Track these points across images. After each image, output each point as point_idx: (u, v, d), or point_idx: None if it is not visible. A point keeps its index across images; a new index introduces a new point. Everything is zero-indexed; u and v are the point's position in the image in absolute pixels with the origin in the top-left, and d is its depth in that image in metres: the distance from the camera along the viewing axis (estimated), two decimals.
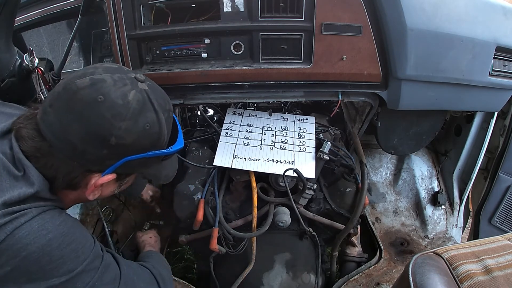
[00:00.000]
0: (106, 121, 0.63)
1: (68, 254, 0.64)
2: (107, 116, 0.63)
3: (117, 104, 0.64)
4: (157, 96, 0.71)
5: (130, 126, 0.65)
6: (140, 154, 0.69)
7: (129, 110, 0.65)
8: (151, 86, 0.72)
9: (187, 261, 1.76)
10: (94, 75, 0.66)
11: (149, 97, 0.68)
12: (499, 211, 1.43)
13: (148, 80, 0.72)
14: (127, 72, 0.70)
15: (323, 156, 1.11)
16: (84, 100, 0.63)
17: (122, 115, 0.64)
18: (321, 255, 1.22)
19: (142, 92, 0.68)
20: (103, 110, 0.63)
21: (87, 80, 0.65)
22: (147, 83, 0.71)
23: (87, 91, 0.64)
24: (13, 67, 0.89)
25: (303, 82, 1.04)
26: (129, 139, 0.66)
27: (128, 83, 0.67)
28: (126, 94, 0.65)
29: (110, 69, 0.69)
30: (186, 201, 1.13)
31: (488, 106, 1.23)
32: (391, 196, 1.66)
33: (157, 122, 0.69)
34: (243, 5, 0.96)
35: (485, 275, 0.72)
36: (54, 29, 1.17)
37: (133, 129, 0.66)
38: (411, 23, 0.94)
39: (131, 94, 0.66)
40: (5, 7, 0.79)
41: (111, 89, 0.65)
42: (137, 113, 0.66)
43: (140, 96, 0.67)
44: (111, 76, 0.66)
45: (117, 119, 0.64)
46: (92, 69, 0.68)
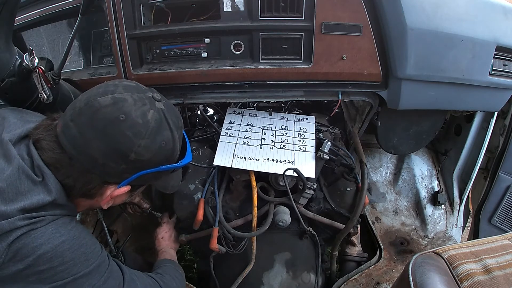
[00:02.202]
0: (127, 138, 0.68)
1: (79, 257, 0.68)
2: (128, 134, 0.68)
3: (137, 123, 0.68)
4: (172, 115, 0.75)
5: (148, 143, 0.70)
6: (155, 168, 0.73)
7: (148, 129, 0.69)
8: (166, 105, 0.76)
9: (187, 261, 1.76)
10: (116, 93, 0.70)
11: (165, 116, 0.73)
12: (499, 210, 1.43)
13: (163, 99, 0.77)
14: (145, 91, 0.74)
15: (323, 155, 1.11)
16: (106, 118, 0.67)
17: (142, 133, 0.69)
18: (321, 255, 1.22)
19: (159, 111, 0.72)
20: (124, 128, 0.67)
21: (109, 99, 0.69)
22: (163, 102, 0.76)
23: (109, 109, 0.67)
24: (13, 67, 0.88)
25: (303, 81, 1.04)
26: (146, 156, 0.70)
27: (147, 103, 0.71)
28: (145, 114, 0.70)
29: (129, 87, 0.73)
30: (186, 201, 1.13)
31: (488, 105, 1.23)
32: (391, 196, 1.66)
33: (171, 139, 0.74)
34: (243, 5, 0.96)
35: (485, 275, 0.72)
36: (54, 28, 1.17)
37: (151, 147, 0.70)
38: (411, 23, 0.94)
39: (150, 114, 0.70)
40: (5, 6, 0.79)
41: (132, 108, 0.69)
42: (155, 131, 0.70)
43: (158, 116, 0.72)
44: (131, 96, 0.70)
45: (137, 137, 0.68)
46: (112, 87, 0.72)
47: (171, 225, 1.24)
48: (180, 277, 1.02)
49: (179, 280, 1.00)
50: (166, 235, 1.20)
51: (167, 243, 1.18)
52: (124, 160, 0.69)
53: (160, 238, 1.19)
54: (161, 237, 1.19)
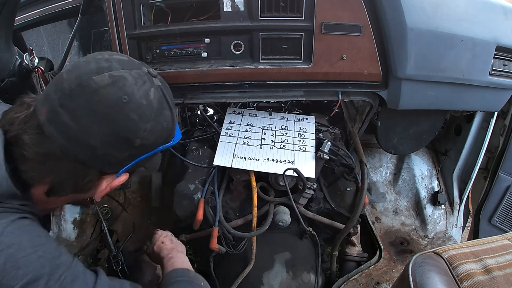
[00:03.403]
0: (133, 123, 0.61)
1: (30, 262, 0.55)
2: (134, 117, 0.60)
3: (142, 104, 0.62)
4: (168, 91, 0.70)
5: (153, 126, 0.64)
6: (154, 150, 0.68)
7: (153, 110, 0.63)
8: (162, 80, 0.70)
9: None
10: (112, 70, 0.61)
11: (163, 93, 0.67)
12: (499, 210, 1.43)
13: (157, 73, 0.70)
14: (140, 66, 0.67)
15: (323, 155, 1.11)
16: (108, 100, 0.59)
17: (147, 115, 0.62)
18: (321, 255, 1.22)
19: (158, 89, 0.66)
20: (128, 111, 0.60)
21: (107, 77, 0.59)
22: (159, 77, 0.69)
23: (109, 90, 0.59)
24: (13, 67, 0.89)
25: (303, 81, 1.04)
26: (151, 139, 0.65)
27: (147, 80, 0.64)
28: (147, 93, 0.63)
29: (124, 62, 0.64)
30: (186, 201, 1.13)
31: (488, 105, 1.23)
32: (391, 196, 1.66)
33: (171, 119, 0.69)
34: (243, 5, 0.96)
35: (485, 275, 0.72)
36: (54, 28, 1.17)
37: (156, 129, 0.65)
38: (411, 23, 0.94)
39: (152, 93, 0.64)
40: (5, 6, 0.79)
41: (134, 88, 0.61)
42: (158, 112, 0.65)
43: (158, 94, 0.66)
44: (130, 73, 0.62)
45: (143, 120, 0.62)
46: (105, 62, 0.62)
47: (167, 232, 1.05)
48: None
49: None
50: (166, 239, 1.00)
51: (171, 246, 0.97)
52: (129, 146, 0.62)
53: (160, 243, 0.98)
54: (161, 242, 0.98)
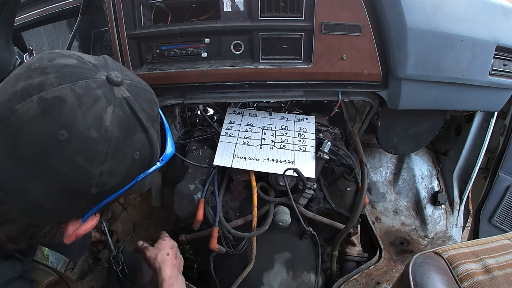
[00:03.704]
0: (79, 169, 0.44)
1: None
2: (79, 162, 0.44)
3: (90, 139, 0.44)
4: (143, 101, 0.50)
5: (114, 166, 0.47)
6: (128, 185, 0.52)
7: (110, 143, 0.45)
8: (132, 86, 0.50)
9: (187, 261, 1.75)
10: (44, 90, 0.43)
11: (132, 109, 0.48)
12: (499, 210, 1.43)
13: (125, 76, 0.50)
14: (94, 71, 0.47)
15: (323, 155, 1.11)
16: (36, 142, 0.42)
17: (101, 154, 0.45)
18: (321, 255, 1.22)
19: (122, 104, 0.47)
20: (70, 154, 0.43)
21: (35, 104, 0.42)
22: (126, 82, 0.49)
23: (39, 126, 0.42)
24: (13, 67, 0.88)
25: (303, 81, 1.04)
26: (115, 181, 0.49)
27: (100, 95, 0.45)
28: (100, 118, 0.44)
29: (65, 71, 0.45)
30: (186, 201, 1.13)
31: (488, 105, 1.23)
32: (391, 196, 1.66)
33: (148, 143, 0.51)
34: (243, 5, 0.96)
35: (485, 275, 0.71)
36: (54, 28, 1.17)
37: (119, 168, 0.48)
38: (411, 23, 0.94)
39: (108, 116, 0.45)
40: (5, 6, 0.79)
41: (77, 114, 0.43)
42: (121, 143, 0.47)
43: (122, 114, 0.46)
44: (72, 88, 0.44)
45: (95, 162, 0.45)
46: (38, 75, 0.44)
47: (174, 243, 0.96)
48: None
49: None
50: (171, 252, 0.90)
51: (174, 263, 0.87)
52: (82, 197, 0.47)
53: (165, 254, 0.88)
54: (166, 253, 0.88)
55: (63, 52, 0.50)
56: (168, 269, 0.85)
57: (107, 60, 0.52)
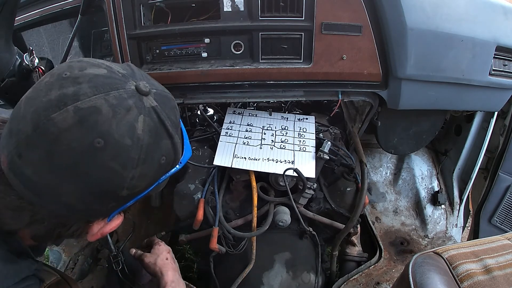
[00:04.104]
0: (114, 174, 0.47)
1: None
2: (114, 167, 0.47)
3: (125, 146, 0.47)
4: (168, 110, 0.54)
5: (144, 170, 0.50)
6: (152, 186, 0.55)
7: (142, 150, 0.49)
8: (158, 94, 0.53)
9: (187, 261, 1.76)
10: (79, 100, 0.45)
11: (160, 118, 0.51)
12: (499, 210, 1.43)
13: (152, 85, 0.53)
14: (124, 82, 0.50)
15: (323, 155, 1.11)
16: (74, 149, 0.45)
17: (134, 160, 0.48)
18: (321, 255, 1.22)
19: (151, 113, 0.50)
20: (106, 160, 0.46)
21: (71, 114, 0.44)
22: (153, 91, 0.52)
23: (75, 135, 0.45)
24: (13, 67, 0.89)
25: (303, 81, 1.04)
26: (143, 184, 0.52)
27: (132, 105, 0.48)
28: (133, 127, 0.47)
29: (98, 82, 0.47)
30: (186, 201, 1.13)
31: (488, 105, 1.23)
32: (391, 196, 1.66)
33: (172, 149, 0.54)
34: (243, 5, 0.96)
35: (485, 275, 0.72)
36: (54, 28, 1.17)
37: (148, 172, 0.51)
38: (411, 23, 0.94)
39: (140, 124, 0.48)
40: (5, 6, 0.79)
41: (112, 123, 0.46)
42: (151, 150, 0.50)
43: (151, 122, 0.50)
44: (105, 98, 0.46)
45: (128, 167, 0.48)
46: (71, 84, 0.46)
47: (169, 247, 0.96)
48: None
49: None
50: (169, 256, 0.90)
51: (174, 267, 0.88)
52: (114, 199, 0.51)
53: (164, 259, 0.88)
54: (165, 258, 0.89)
55: (93, 61, 0.52)
56: (170, 273, 0.85)
57: (133, 69, 0.55)
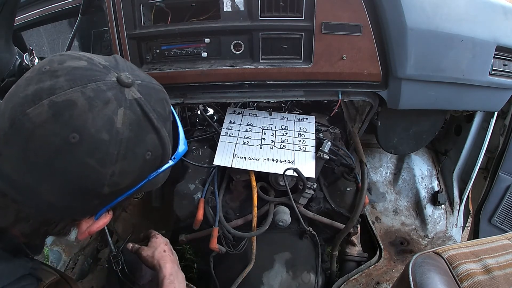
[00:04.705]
0: (91, 170, 0.45)
1: None
2: (91, 163, 0.44)
3: (101, 142, 0.44)
4: (154, 102, 0.51)
5: (126, 166, 0.47)
6: (140, 183, 0.53)
7: (121, 145, 0.46)
8: (143, 86, 0.50)
9: (187, 261, 1.76)
10: (55, 94, 0.43)
11: (144, 110, 0.48)
12: (499, 210, 1.43)
13: (136, 76, 0.51)
14: (104, 73, 0.47)
15: (323, 155, 1.11)
16: (49, 145, 0.43)
17: (112, 156, 0.45)
18: (321, 255, 1.22)
19: (133, 105, 0.47)
20: (82, 155, 0.44)
21: (46, 109, 0.43)
22: (137, 83, 0.49)
23: (50, 130, 0.43)
24: (13, 67, 0.89)
25: (303, 81, 1.04)
26: (127, 181, 0.50)
27: (111, 97, 0.45)
28: (111, 120, 0.45)
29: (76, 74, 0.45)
30: (186, 201, 1.13)
31: (488, 105, 1.23)
32: (391, 196, 1.66)
33: (159, 144, 0.51)
34: (243, 5, 0.96)
35: (485, 275, 0.72)
36: (54, 28, 1.17)
37: (131, 168, 0.49)
38: (411, 23, 0.94)
39: (119, 117, 0.45)
40: (5, 6, 0.79)
41: (88, 117, 0.43)
42: (132, 144, 0.47)
43: (132, 115, 0.47)
44: (82, 91, 0.44)
45: (106, 163, 0.45)
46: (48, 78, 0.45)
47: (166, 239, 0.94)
48: None
49: None
50: (167, 248, 0.89)
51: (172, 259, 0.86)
52: (95, 196, 0.49)
53: (161, 251, 0.86)
54: (162, 250, 0.86)
55: (74, 54, 0.50)
56: (168, 265, 0.83)
57: (118, 61, 0.52)
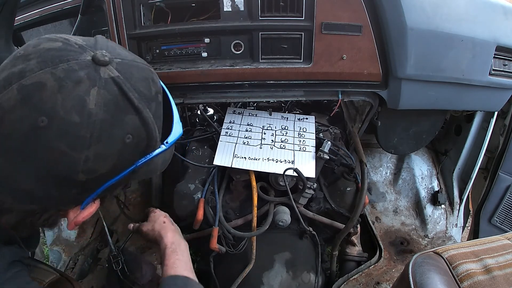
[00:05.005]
0: (62, 155, 0.43)
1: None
2: (62, 148, 0.42)
3: (71, 124, 0.42)
4: (135, 80, 0.47)
5: (101, 151, 0.44)
6: (126, 170, 0.49)
7: (95, 127, 0.43)
8: (123, 65, 0.47)
9: None
10: (25, 77, 0.42)
11: (122, 90, 0.45)
12: (499, 210, 1.43)
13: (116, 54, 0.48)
14: (79, 53, 0.45)
15: (323, 155, 1.11)
16: (18, 130, 0.41)
17: (84, 139, 0.43)
18: (321, 255, 1.22)
19: (109, 84, 0.44)
20: (52, 140, 0.42)
21: (15, 93, 0.41)
22: (116, 61, 0.47)
23: (19, 115, 0.41)
24: None
25: (303, 81, 1.04)
26: (105, 167, 0.46)
27: (83, 77, 0.43)
28: (83, 101, 0.42)
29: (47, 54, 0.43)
30: (186, 201, 1.13)
31: (488, 105, 1.23)
32: (391, 196, 1.66)
33: (141, 126, 0.48)
34: (243, 5, 0.96)
35: (485, 275, 0.72)
36: (54, 28, 1.17)
37: (107, 152, 0.45)
38: (411, 23, 0.94)
39: (92, 98, 0.43)
40: (5, 6, 0.79)
41: (57, 99, 0.41)
42: (107, 126, 0.44)
43: (108, 95, 0.44)
44: (52, 72, 0.42)
45: (78, 147, 0.43)
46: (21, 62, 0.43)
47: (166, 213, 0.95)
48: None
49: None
50: (166, 219, 0.90)
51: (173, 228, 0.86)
52: (72, 184, 0.46)
53: (161, 222, 0.87)
54: (162, 222, 0.87)
55: (51, 37, 0.47)
56: (169, 234, 0.83)
57: (98, 40, 0.49)
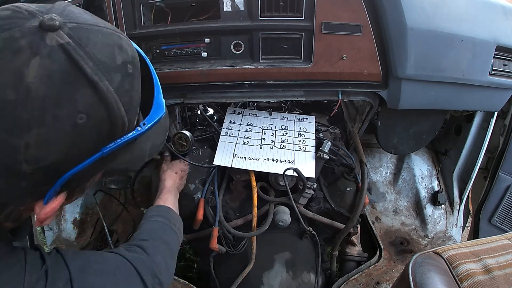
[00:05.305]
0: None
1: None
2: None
3: (5, 102, 0.35)
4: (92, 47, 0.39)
5: (45, 134, 0.37)
6: (89, 159, 0.41)
7: (34, 106, 0.36)
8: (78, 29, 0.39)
9: (187, 260, 1.76)
10: None
11: (72, 58, 0.37)
12: (499, 210, 1.43)
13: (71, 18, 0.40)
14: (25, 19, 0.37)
15: (323, 155, 1.11)
16: None
17: (23, 121, 0.36)
18: (321, 255, 1.22)
19: (55, 53, 0.37)
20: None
21: None
22: (69, 26, 0.39)
23: None
24: None
25: (303, 81, 1.04)
26: (54, 155, 0.38)
27: (24, 45, 0.36)
28: (20, 74, 0.35)
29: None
30: (186, 201, 1.13)
31: (488, 105, 1.23)
32: (391, 196, 1.66)
33: (98, 102, 0.39)
34: (243, 4, 0.96)
35: (485, 275, 0.72)
36: None
37: (53, 137, 0.37)
38: (411, 23, 0.94)
39: (31, 70, 0.35)
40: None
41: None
42: (52, 103, 0.36)
43: (53, 65, 0.36)
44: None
45: (15, 132, 0.36)
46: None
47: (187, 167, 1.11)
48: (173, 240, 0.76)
49: (169, 247, 0.71)
50: (180, 173, 1.06)
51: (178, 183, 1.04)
52: (18, 176, 0.38)
53: (173, 171, 1.04)
54: (174, 172, 1.04)
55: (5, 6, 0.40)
56: (169, 182, 0.99)
57: (55, 5, 0.41)
